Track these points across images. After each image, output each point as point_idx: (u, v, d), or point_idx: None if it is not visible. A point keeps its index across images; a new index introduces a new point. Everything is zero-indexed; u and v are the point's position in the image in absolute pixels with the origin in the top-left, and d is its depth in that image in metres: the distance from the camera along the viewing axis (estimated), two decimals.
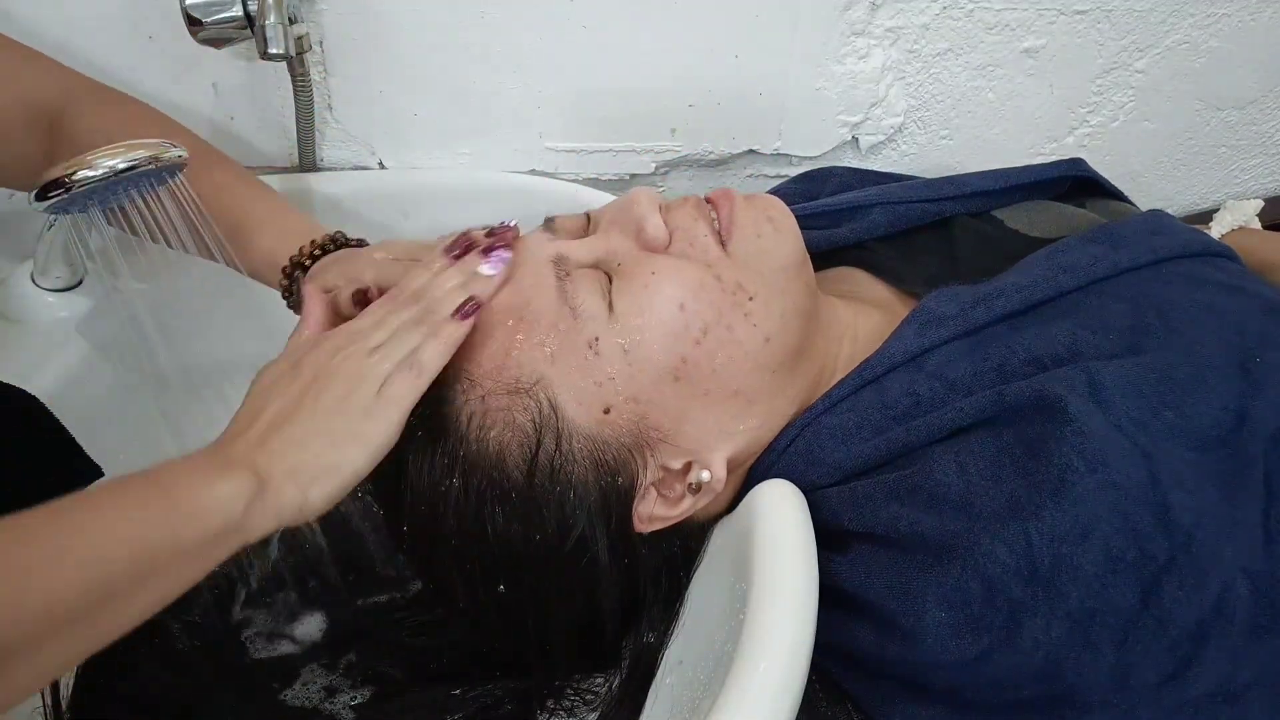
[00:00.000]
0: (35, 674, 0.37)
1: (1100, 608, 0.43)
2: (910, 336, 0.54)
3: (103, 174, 0.52)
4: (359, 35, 0.81)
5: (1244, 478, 0.46)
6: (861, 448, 0.51)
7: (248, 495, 0.41)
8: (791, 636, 0.43)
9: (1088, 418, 0.45)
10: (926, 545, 0.46)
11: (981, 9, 0.87)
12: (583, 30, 0.82)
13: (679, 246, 0.52)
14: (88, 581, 0.37)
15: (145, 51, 0.79)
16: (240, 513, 0.41)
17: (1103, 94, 0.96)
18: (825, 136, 0.92)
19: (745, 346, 0.50)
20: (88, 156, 0.52)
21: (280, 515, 0.43)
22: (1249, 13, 0.93)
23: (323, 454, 0.44)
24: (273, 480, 0.42)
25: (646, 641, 0.53)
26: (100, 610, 0.38)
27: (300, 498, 0.43)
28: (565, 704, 0.57)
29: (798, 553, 0.47)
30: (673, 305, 0.49)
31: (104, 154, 0.52)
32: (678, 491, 0.52)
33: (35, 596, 0.35)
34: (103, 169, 0.52)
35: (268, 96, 0.83)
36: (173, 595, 0.41)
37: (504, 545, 0.50)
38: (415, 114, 0.85)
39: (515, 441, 0.49)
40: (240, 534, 0.42)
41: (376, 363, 0.46)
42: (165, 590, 0.40)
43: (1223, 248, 0.60)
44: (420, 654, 0.61)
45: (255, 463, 0.43)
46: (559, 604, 0.52)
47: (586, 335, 0.49)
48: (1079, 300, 0.54)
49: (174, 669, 0.60)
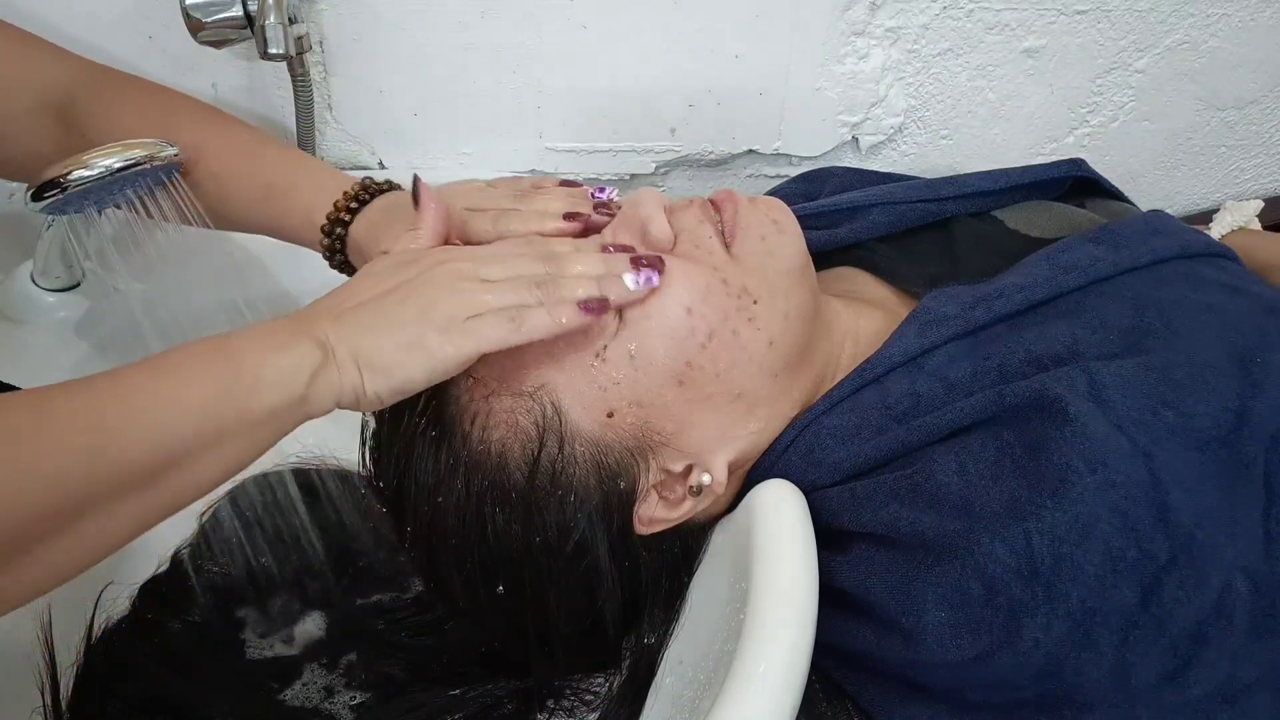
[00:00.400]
0: (105, 534, 0.39)
1: (1100, 607, 0.43)
2: (910, 337, 0.53)
3: (98, 174, 0.52)
4: (359, 35, 0.81)
5: (1244, 478, 0.46)
6: (862, 448, 0.51)
7: (312, 368, 0.42)
8: (791, 636, 0.43)
9: (1088, 418, 0.45)
10: (926, 545, 0.46)
11: (981, 9, 0.87)
12: (583, 30, 0.82)
13: (684, 248, 0.51)
14: (155, 446, 0.38)
15: (145, 51, 0.79)
16: (304, 385, 0.42)
17: (1103, 94, 0.96)
18: (825, 136, 0.92)
19: (749, 350, 0.50)
20: (83, 156, 0.52)
21: (340, 395, 0.43)
22: (1249, 13, 0.93)
23: (388, 350, 0.43)
24: (337, 357, 0.43)
25: (647, 642, 0.53)
26: (169, 474, 0.39)
27: (359, 383, 0.43)
28: (565, 704, 0.57)
29: (798, 553, 0.47)
30: (681, 309, 0.49)
31: (99, 154, 0.52)
32: (679, 493, 0.52)
33: (107, 457, 0.37)
34: (98, 169, 0.52)
35: (268, 96, 0.83)
36: (244, 463, 0.42)
37: (505, 546, 0.50)
38: (415, 114, 0.86)
39: (517, 443, 0.49)
40: (304, 406, 0.42)
41: (480, 292, 0.45)
42: (234, 457, 0.41)
43: (1222, 248, 0.60)
44: (420, 654, 0.61)
45: (325, 336, 0.43)
46: (559, 605, 0.52)
47: (594, 342, 0.49)
48: (1079, 300, 0.54)
49: (174, 669, 0.60)
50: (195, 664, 0.61)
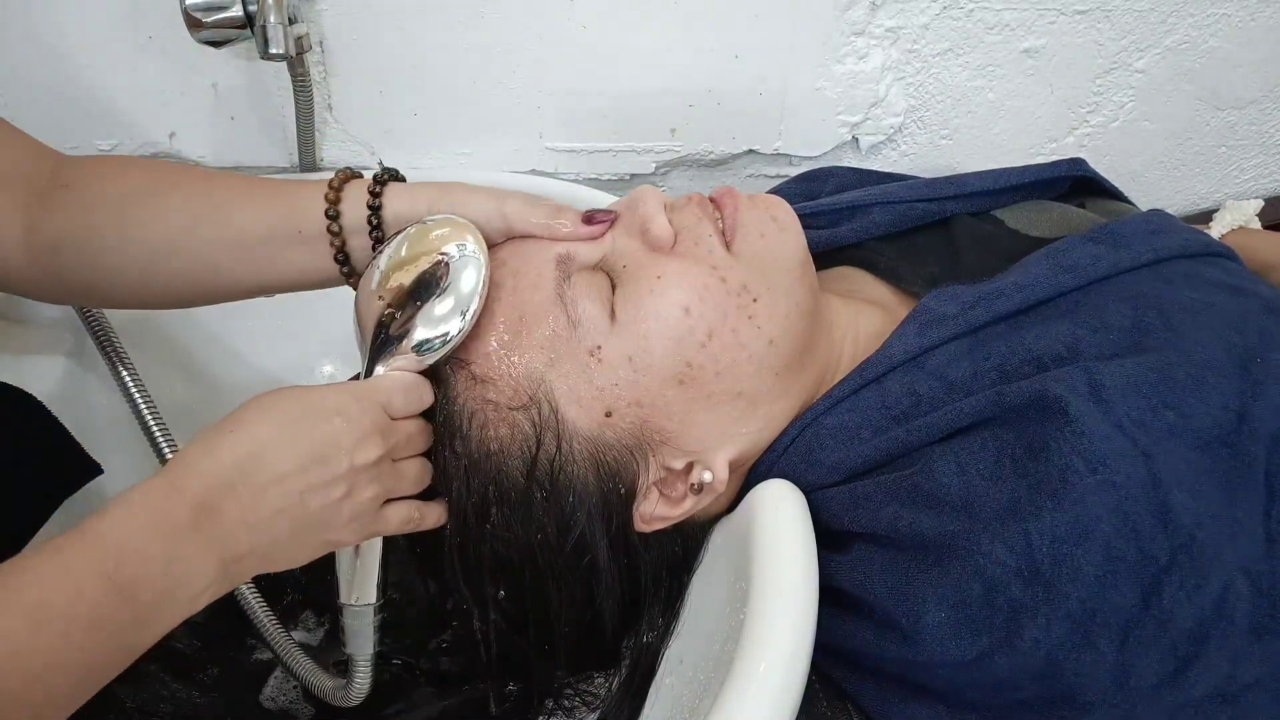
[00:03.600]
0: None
1: (1101, 608, 0.42)
2: (910, 336, 0.53)
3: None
4: (359, 35, 0.81)
5: (1245, 478, 0.46)
6: (862, 448, 0.51)
7: (211, 591, 0.41)
8: (791, 636, 0.43)
9: (1088, 418, 0.45)
10: (926, 545, 0.46)
11: (981, 9, 0.87)
12: (582, 30, 0.82)
13: (684, 247, 0.51)
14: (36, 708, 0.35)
15: (145, 51, 0.79)
16: (196, 603, 0.41)
17: (1103, 94, 0.96)
18: (825, 136, 0.92)
19: (749, 349, 0.50)
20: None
21: (217, 596, 0.42)
22: (1249, 13, 0.93)
23: (290, 556, 0.44)
24: (237, 569, 0.42)
25: (647, 641, 0.53)
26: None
27: (242, 580, 0.44)
28: (565, 704, 0.57)
29: (798, 553, 0.47)
30: (678, 310, 0.49)
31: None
32: (680, 491, 0.51)
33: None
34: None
35: (268, 96, 0.83)
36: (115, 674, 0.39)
37: (505, 544, 0.50)
38: (415, 114, 0.85)
39: (516, 442, 0.49)
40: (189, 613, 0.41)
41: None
42: (109, 677, 0.39)
43: (1223, 248, 0.60)
44: (420, 653, 0.61)
45: (233, 552, 0.41)
46: (559, 604, 0.52)
47: (588, 344, 0.49)
48: (1079, 300, 0.54)
49: (174, 669, 0.60)
50: (195, 664, 0.61)
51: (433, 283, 0.49)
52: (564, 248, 0.51)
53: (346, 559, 0.52)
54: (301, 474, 0.42)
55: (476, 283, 0.48)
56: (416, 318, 0.48)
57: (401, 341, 0.48)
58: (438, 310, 0.48)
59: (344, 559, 0.52)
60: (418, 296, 0.49)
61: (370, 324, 0.50)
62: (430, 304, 0.48)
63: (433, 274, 0.49)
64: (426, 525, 0.50)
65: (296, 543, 0.44)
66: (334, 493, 0.43)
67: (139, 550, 0.38)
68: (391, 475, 0.47)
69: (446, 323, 0.48)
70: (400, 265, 0.50)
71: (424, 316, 0.48)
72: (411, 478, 0.49)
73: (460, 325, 0.48)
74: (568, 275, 0.50)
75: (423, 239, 0.50)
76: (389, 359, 0.49)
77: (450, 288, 0.48)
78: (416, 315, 0.48)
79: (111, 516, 0.38)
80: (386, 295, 0.50)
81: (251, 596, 0.60)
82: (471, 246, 0.49)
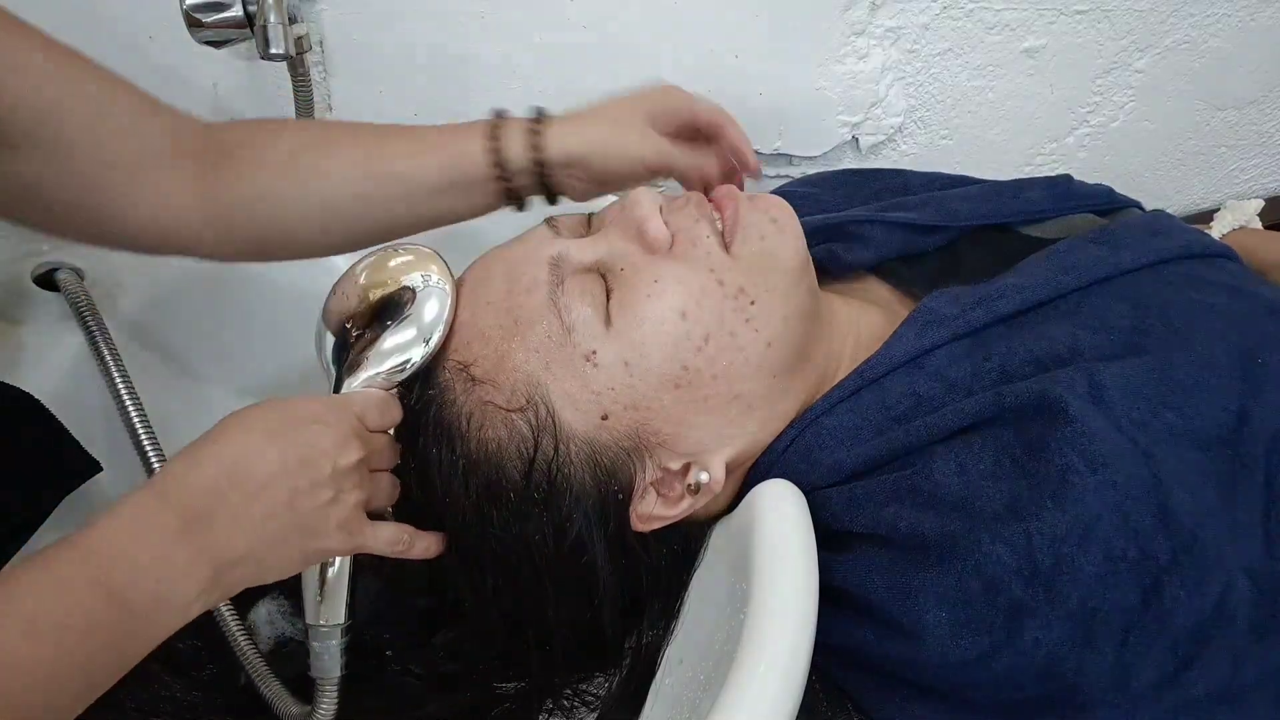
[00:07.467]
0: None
1: (1101, 608, 0.42)
2: (911, 337, 0.53)
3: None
4: (359, 35, 0.81)
5: (1245, 478, 0.46)
6: (862, 448, 0.51)
7: (203, 599, 0.41)
8: (791, 636, 0.43)
9: (1088, 418, 0.45)
10: (927, 545, 0.46)
11: (981, 9, 0.87)
12: (583, 30, 0.82)
13: (681, 248, 0.51)
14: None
15: (145, 51, 0.79)
16: (191, 609, 0.41)
17: (1103, 94, 0.96)
18: (825, 136, 0.92)
19: (747, 352, 0.50)
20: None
21: (210, 605, 0.42)
22: (1249, 13, 0.93)
23: (280, 568, 0.44)
24: (229, 576, 0.42)
25: (646, 641, 0.53)
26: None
27: (235, 589, 0.43)
28: (565, 704, 0.57)
29: (798, 553, 0.47)
30: (675, 314, 0.49)
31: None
32: (677, 491, 0.51)
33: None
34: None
35: (268, 96, 0.83)
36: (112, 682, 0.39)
37: (503, 545, 0.50)
38: (415, 114, 0.85)
39: (513, 444, 0.49)
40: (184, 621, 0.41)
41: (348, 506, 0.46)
42: (105, 686, 0.39)
43: (1223, 248, 0.60)
44: (420, 654, 0.61)
45: (226, 558, 0.41)
46: (558, 604, 0.52)
47: (583, 349, 0.49)
48: (1080, 301, 0.54)
49: (174, 669, 0.60)
50: (194, 664, 0.61)
51: (398, 308, 0.51)
52: (557, 250, 0.51)
53: (314, 579, 0.52)
54: (288, 477, 0.43)
55: (440, 311, 0.51)
56: (382, 340, 0.51)
57: (367, 362, 0.51)
58: (402, 337, 0.51)
59: (311, 579, 0.52)
60: (384, 319, 0.51)
61: (334, 343, 0.53)
62: (395, 329, 0.51)
63: (398, 300, 0.51)
64: (414, 554, 0.50)
65: (288, 547, 0.44)
66: (321, 495, 0.44)
67: (130, 558, 0.38)
68: (370, 483, 0.48)
69: (410, 349, 0.51)
70: (368, 289, 0.53)
71: (389, 340, 0.51)
72: (385, 489, 0.50)
73: (423, 352, 0.51)
74: (561, 280, 0.50)
75: (385, 266, 0.53)
76: (355, 377, 0.51)
77: (412, 316, 0.51)
78: (382, 338, 0.51)
79: (101, 527, 0.39)
80: (354, 317, 0.53)
81: (227, 614, 0.60)
82: (436, 277, 0.52)
